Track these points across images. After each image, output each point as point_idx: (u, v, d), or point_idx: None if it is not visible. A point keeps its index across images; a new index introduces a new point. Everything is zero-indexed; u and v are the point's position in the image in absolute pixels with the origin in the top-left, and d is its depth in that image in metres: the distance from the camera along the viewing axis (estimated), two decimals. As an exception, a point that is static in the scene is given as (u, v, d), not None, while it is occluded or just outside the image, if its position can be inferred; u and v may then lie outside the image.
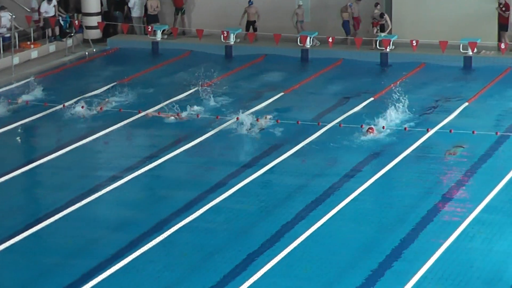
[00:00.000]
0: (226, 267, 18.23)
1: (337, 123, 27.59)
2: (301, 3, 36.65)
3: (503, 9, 34.55)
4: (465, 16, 35.19)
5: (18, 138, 27.66)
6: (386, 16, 35.71)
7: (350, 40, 36.10)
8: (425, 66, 34.65)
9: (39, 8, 36.75)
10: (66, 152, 25.73)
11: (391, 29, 35.86)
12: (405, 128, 26.56)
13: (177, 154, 25.08)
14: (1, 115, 28.68)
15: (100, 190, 22.30)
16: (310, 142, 26.05)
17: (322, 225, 20.10)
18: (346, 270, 18.17)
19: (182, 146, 25.60)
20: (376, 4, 35.51)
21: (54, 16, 36.85)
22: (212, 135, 26.86)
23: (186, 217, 20.36)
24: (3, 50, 34.47)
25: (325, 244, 19.25)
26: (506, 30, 34.81)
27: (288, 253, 18.72)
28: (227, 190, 22.24)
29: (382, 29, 35.78)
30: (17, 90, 31.68)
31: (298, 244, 19.10)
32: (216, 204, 21.37)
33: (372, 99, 30.31)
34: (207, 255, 18.87)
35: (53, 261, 18.68)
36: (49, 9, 36.61)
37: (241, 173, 23.73)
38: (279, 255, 18.52)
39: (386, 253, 18.58)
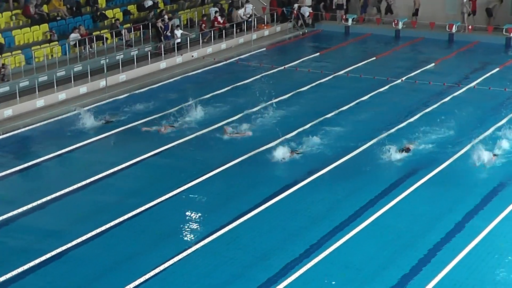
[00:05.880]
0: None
1: (472, 85, 27.30)
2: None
3: None
4: None
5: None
6: None
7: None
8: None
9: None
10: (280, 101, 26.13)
11: None
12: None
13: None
14: (245, 72, 29.17)
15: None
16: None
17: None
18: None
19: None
20: None
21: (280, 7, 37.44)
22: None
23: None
24: (246, 30, 35.09)
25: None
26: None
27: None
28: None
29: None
30: (253, 58, 32.09)
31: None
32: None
33: (498, 68, 29.76)
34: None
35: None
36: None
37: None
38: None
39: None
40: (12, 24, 29.13)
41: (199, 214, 17.32)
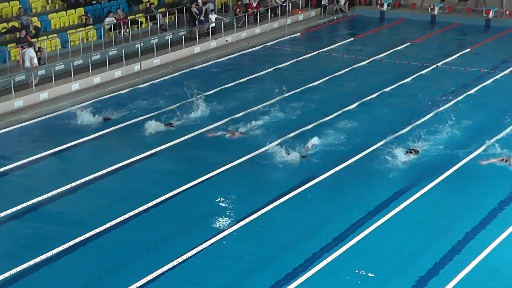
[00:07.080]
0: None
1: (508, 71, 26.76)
2: None
3: None
4: None
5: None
6: None
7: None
8: None
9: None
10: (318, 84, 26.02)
11: None
12: None
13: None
14: (279, 57, 28.87)
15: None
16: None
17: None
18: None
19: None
20: None
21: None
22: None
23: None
24: (280, 14, 34.64)
25: None
26: None
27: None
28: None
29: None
30: (287, 42, 31.71)
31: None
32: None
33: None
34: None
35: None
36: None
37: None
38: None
39: None
40: (48, 8, 29.27)
41: (231, 200, 17.21)
